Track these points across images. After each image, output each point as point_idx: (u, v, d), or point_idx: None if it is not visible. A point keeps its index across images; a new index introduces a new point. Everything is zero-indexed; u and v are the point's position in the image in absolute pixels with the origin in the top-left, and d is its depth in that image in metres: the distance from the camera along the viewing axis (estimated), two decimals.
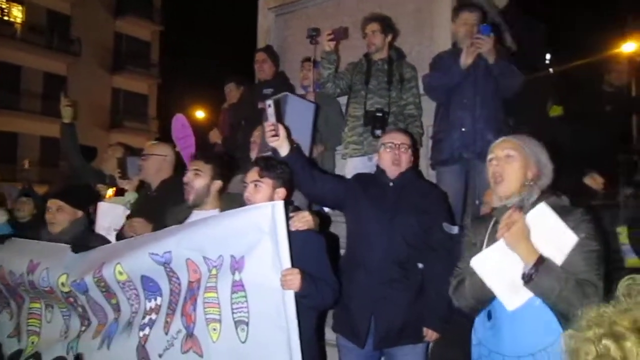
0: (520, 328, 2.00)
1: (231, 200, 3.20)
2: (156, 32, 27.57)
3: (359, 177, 3.26)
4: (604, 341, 0.95)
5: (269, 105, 2.87)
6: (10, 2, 22.60)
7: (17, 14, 22.88)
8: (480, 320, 2.19)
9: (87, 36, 24.08)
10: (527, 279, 1.92)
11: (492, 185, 2.22)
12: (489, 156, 2.25)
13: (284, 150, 2.91)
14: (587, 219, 2.06)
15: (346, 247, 3.07)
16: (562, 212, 2.04)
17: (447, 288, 2.79)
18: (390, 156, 3.06)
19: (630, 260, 2.76)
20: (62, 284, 3.07)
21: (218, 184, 3.12)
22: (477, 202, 3.71)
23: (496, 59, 3.69)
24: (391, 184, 3.06)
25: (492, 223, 2.20)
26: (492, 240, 2.13)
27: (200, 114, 21.52)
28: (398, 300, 2.88)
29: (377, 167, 3.18)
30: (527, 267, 1.94)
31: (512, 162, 2.16)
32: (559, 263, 1.95)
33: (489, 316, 2.12)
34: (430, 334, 2.92)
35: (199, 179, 3.08)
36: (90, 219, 3.84)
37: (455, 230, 3.03)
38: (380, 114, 3.97)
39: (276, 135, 2.88)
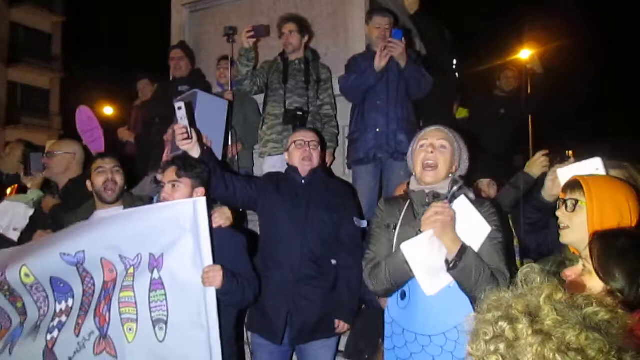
0: (434, 308, 2.12)
1: (134, 199, 3.19)
2: (57, 23, 25.90)
3: (269, 176, 3.30)
4: (500, 323, 1.03)
5: (179, 108, 2.82)
6: None
7: None
8: (393, 300, 2.28)
9: None
10: (453, 266, 2.04)
11: (419, 170, 2.28)
12: (421, 142, 2.32)
13: (194, 153, 2.88)
14: (494, 211, 2.23)
15: (260, 246, 3.09)
16: (474, 204, 2.19)
17: (357, 280, 2.93)
18: (300, 153, 3.13)
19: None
20: None
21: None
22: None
23: (407, 63, 3.87)
24: (303, 181, 3.11)
25: (406, 205, 2.30)
26: (408, 222, 2.24)
27: (108, 110, 20.60)
28: (313, 297, 2.95)
29: (288, 165, 3.23)
30: (451, 255, 2.05)
31: (445, 153, 2.27)
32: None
33: (402, 296, 2.22)
34: (342, 326, 3.01)
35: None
36: None
37: (364, 224, 3.15)
38: (300, 113, 4.04)
39: (188, 137, 2.84)
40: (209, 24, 5.39)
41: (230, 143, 4.25)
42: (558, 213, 2.12)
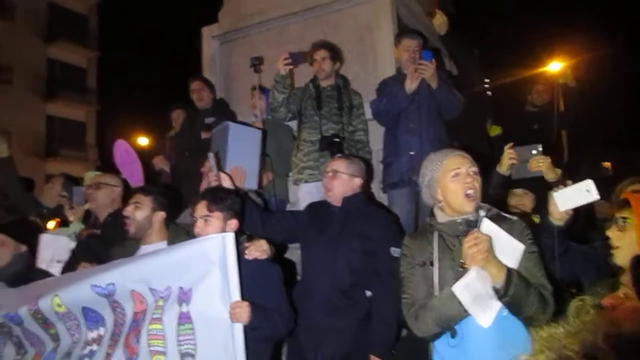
0: (489, 343, 2.03)
1: (179, 231, 3.18)
2: (92, 57, 26.83)
3: (310, 206, 3.30)
4: None
5: (210, 157, 2.95)
6: None
7: None
8: (442, 340, 2.17)
9: (17, 63, 23.16)
10: (503, 294, 1.97)
11: (460, 199, 2.18)
12: (454, 171, 2.22)
13: None
14: (525, 225, 2.18)
15: (300, 276, 3.08)
16: (503, 221, 2.14)
17: (392, 313, 2.79)
18: (326, 182, 3.14)
19: None
20: None
21: (160, 215, 3.06)
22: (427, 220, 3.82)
23: (438, 84, 3.84)
24: (336, 210, 3.08)
25: (435, 238, 2.21)
26: (445, 256, 2.16)
27: (143, 141, 21.04)
28: (344, 330, 2.88)
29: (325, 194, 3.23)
30: (499, 282, 1.97)
31: (478, 179, 2.22)
32: None
33: (453, 334, 2.12)
34: None
35: (140, 211, 3.02)
36: (33, 253, 3.70)
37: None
38: (337, 140, 4.04)
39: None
40: (239, 54, 5.48)
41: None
42: (608, 232, 2.05)
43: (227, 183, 2.97)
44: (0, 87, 22.72)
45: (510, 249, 2.08)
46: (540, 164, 2.81)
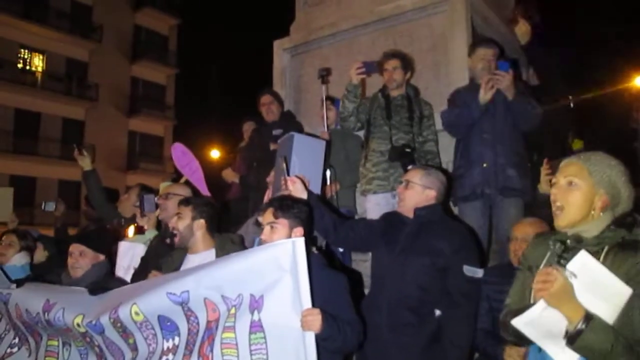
0: None
1: (224, 240, 3.21)
2: (171, 75, 28.19)
3: (385, 216, 3.21)
4: None
5: (281, 162, 2.98)
6: (32, 52, 23.30)
7: (37, 62, 23.62)
8: (532, 352, 2.00)
9: (104, 82, 24.72)
10: (571, 340, 1.72)
11: (553, 211, 1.99)
12: (555, 178, 2.02)
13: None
14: None
15: (369, 289, 2.99)
16: (630, 249, 1.82)
17: (463, 335, 2.70)
18: (397, 194, 3.07)
19: None
20: (78, 325, 3.03)
21: (200, 223, 3.14)
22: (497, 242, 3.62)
23: (515, 95, 3.67)
24: (408, 222, 2.98)
25: (552, 247, 1.96)
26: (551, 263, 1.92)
27: (214, 154, 21.71)
28: (409, 348, 2.75)
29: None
30: (571, 326, 1.73)
31: (574, 191, 1.92)
32: (610, 321, 1.73)
33: (540, 348, 1.92)
34: None
35: (181, 222, 3.14)
36: (112, 262, 3.82)
37: (479, 273, 2.85)
38: (408, 150, 3.93)
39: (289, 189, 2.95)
40: (309, 66, 5.50)
41: (328, 183, 4.25)
42: None
43: (298, 186, 2.96)
44: (88, 104, 24.31)
45: (611, 292, 1.74)
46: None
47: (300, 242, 2.43)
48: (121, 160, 25.25)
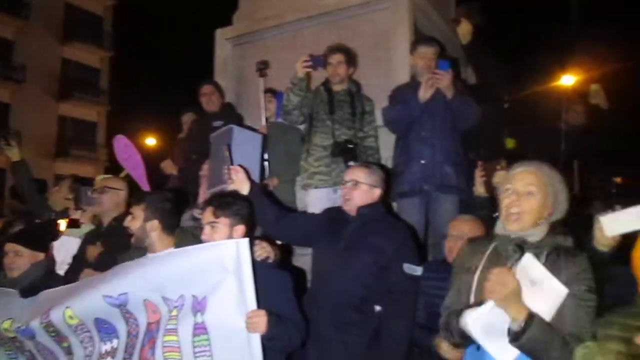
0: None
1: (185, 235, 3.11)
2: (106, 58, 26.99)
3: (327, 212, 3.21)
4: None
5: (224, 150, 2.92)
6: None
7: None
8: (470, 351, 2.08)
9: (32, 62, 23.31)
10: (514, 338, 1.83)
11: (502, 216, 2.09)
12: (507, 185, 2.11)
13: (244, 192, 2.89)
14: (588, 267, 1.98)
15: (310, 285, 2.99)
16: (566, 255, 1.98)
17: (402, 333, 2.77)
18: (342, 193, 3.06)
19: None
20: (6, 329, 2.92)
21: (154, 224, 2.96)
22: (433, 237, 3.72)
23: (454, 94, 3.76)
24: (350, 221, 3.00)
25: (491, 247, 2.11)
26: (491, 264, 2.04)
27: (150, 141, 21.12)
28: (352, 345, 2.79)
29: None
30: (514, 325, 1.84)
31: (531, 200, 2.04)
32: (547, 318, 1.86)
33: (479, 347, 2.00)
34: None
35: (134, 222, 2.98)
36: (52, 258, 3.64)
37: (418, 271, 2.91)
38: (351, 146, 3.96)
39: (232, 179, 2.89)
40: (252, 57, 5.40)
41: (266, 176, 4.24)
42: None
43: (241, 176, 2.90)
44: (14, 86, 22.93)
45: (550, 292, 1.89)
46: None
47: (244, 243, 2.39)
48: (50, 146, 23.98)
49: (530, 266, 1.90)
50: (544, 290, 1.88)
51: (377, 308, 2.84)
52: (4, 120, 22.02)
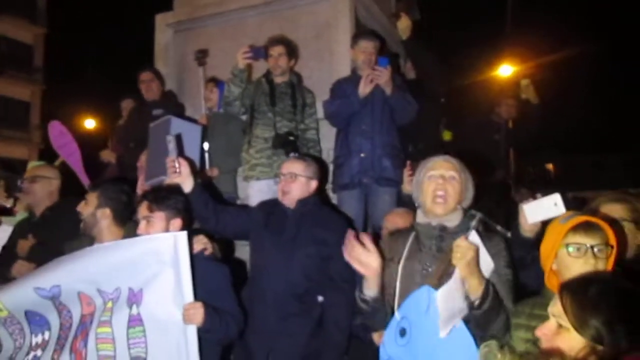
0: (439, 348, 1.99)
1: (133, 228, 3.06)
2: (40, 34, 25.68)
3: (263, 205, 3.25)
4: None
5: (169, 141, 2.81)
6: None
7: None
8: (390, 336, 2.16)
9: None
10: (476, 307, 1.99)
11: (429, 201, 2.26)
12: (430, 173, 2.30)
13: (187, 186, 2.87)
14: (505, 246, 2.22)
15: (249, 277, 3.03)
16: (483, 238, 2.15)
17: (345, 318, 2.84)
18: (280, 186, 3.10)
19: None
20: None
21: (105, 212, 2.93)
22: (372, 228, 3.84)
23: (393, 90, 3.86)
24: (290, 213, 3.05)
25: (411, 237, 2.27)
26: (413, 255, 2.21)
27: (89, 124, 20.36)
28: (296, 335, 2.86)
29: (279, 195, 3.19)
30: (476, 295, 1.99)
31: (454, 184, 2.26)
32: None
33: (402, 333, 2.11)
34: None
35: (85, 208, 2.94)
36: None
37: None
38: (292, 138, 4.00)
39: (177, 171, 2.83)
40: (193, 44, 5.32)
41: (207, 167, 4.22)
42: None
43: (186, 170, 2.87)
44: None
45: (484, 267, 2.08)
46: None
47: (182, 235, 2.42)
48: None
49: (474, 242, 2.06)
50: (483, 263, 2.07)
51: (320, 298, 2.93)
52: None
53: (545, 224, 2.27)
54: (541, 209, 2.27)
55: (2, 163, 4.75)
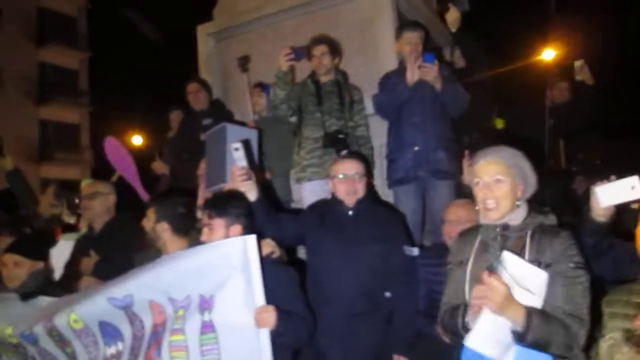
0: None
1: (198, 236, 3.09)
2: (84, 59, 26.61)
3: (314, 207, 3.25)
4: None
5: (237, 149, 2.81)
6: None
7: None
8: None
9: (7, 67, 22.92)
10: (520, 338, 1.86)
11: (482, 210, 2.15)
12: (476, 179, 2.17)
13: (252, 195, 2.86)
14: (573, 243, 2.02)
15: (308, 281, 2.99)
16: (550, 234, 2.03)
17: (411, 311, 2.88)
18: (345, 187, 3.06)
19: None
20: (9, 335, 2.89)
21: (163, 226, 3.01)
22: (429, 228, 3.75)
23: (442, 85, 3.78)
24: (350, 213, 3.04)
25: (478, 238, 2.17)
26: (480, 258, 2.10)
27: (137, 140, 20.86)
28: (368, 333, 2.86)
29: (333, 196, 3.16)
30: (517, 326, 1.86)
31: (502, 187, 2.10)
32: (539, 306, 1.90)
33: None
34: None
35: (147, 223, 3.05)
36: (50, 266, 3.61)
37: (415, 252, 3.05)
38: (342, 136, 3.96)
39: (248, 179, 2.83)
40: (235, 51, 5.36)
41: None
42: None
43: (252, 180, 2.88)
44: None
45: (534, 280, 1.92)
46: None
47: (251, 239, 2.41)
48: (32, 151, 23.62)
49: (509, 262, 1.93)
50: (528, 281, 1.91)
51: (387, 294, 2.93)
52: None
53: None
54: (616, 192, 2.15)
55: (59, 183, 4.91)
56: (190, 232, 3.01)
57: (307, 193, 4.04)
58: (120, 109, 22.65)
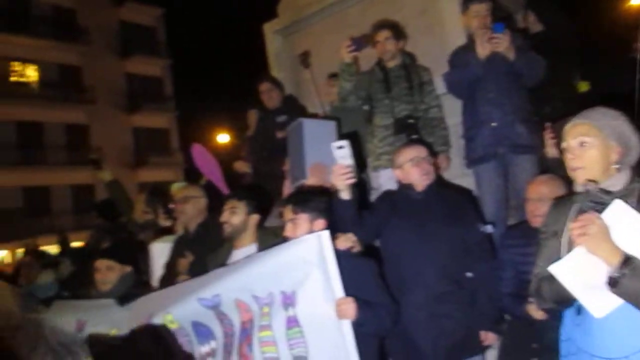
0: (612, 328, 1.81)
1: (267, 233, 3.22)
2: (166, 66, 27.98)
3: (383, 199, 3.26)
4: None
5: (341, 147, 2.81)
6: (24, 64, 23.21)
7: (31, 73, 23.54)
8: (569, 315, 2.02)
9: (99, 83, 24.60)
10: (613, 283, 1.74)
11: (572, 177, 2.01)
12: (563, 144, 2.03)
13: (346, 194, 2.86)
14: None
15: (387, 270, 2.96)
16: None
17: (494, 287, 2.86)
18: (418, 169, 3.05)
19: None
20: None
21: (255, 218, 3.20)
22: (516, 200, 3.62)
23: (516, 55, 3.60)
24: (419, 197, 3.04)
25: (573, 207, 2.01)
26: None
27: (223, 138, 21.60)
28: (455, 314, 2.86)
29: (400, 183, 3.15)
30: (611, 270, 1.75)
31: (588, 150, 1.94)
32: None
33: (578, 311, 1.94)
34: (489, 338, 2.90)
35: (235, 216, 3.17)
36: (139, 269, 3.88)
37: (489, 229, 3.07)
38: (412, 121, 3.92)
39: (351, 178, 2.83)
40: (302, 45, 5.42)
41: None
42: None
43: (345, 177, 2.85)
44: (87, 107, 24.30)
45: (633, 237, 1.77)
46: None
47: (325, 235, 2.46)
48: (129, 157, 25.33)
49: (620, 212, 1.80)
50: (637, 236, 1.78)
51: (469, 274, 2.93)
52: (86, 140, 23.50)
53: None
54: None
55: (151, 189, 5.17)
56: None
57: (384, 180, 4.01)
58: (204, 110, 23.61)
